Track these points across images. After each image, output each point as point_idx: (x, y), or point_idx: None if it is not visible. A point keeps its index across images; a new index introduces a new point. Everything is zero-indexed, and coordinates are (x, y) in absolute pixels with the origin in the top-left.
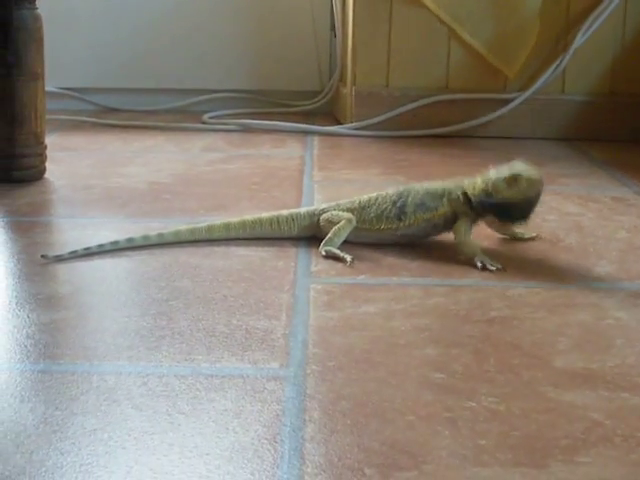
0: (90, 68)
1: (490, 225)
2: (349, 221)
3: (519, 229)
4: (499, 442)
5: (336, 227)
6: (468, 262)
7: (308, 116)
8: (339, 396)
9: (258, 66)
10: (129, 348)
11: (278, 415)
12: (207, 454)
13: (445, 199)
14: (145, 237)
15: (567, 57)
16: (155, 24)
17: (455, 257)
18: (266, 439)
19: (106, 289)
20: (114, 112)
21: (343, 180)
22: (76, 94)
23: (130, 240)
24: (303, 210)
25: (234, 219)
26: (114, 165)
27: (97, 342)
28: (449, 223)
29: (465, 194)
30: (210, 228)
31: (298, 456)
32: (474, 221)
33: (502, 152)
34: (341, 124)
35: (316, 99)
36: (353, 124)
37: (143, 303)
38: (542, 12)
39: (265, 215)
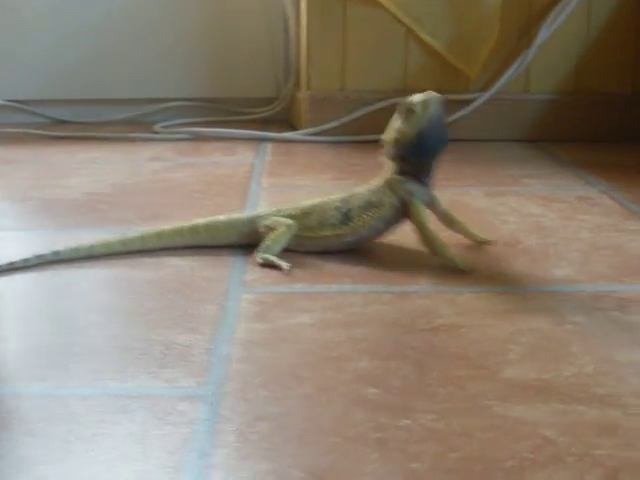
0: (37, 79)
1: (445, 224)
2: (289, 227)
3: (476, 231)
4: (434, 465)
5: (274, 234)
6: (439, 261)
7: (265, 123)
8: (258, 417)
9: (212, 73)
10: (34, 367)
11: (186, 440)
12: None
13: (387, 189)
14: (74, 249)
15: (530, 54)
16: (102, 33)
17: (402, 261)
18: (170, 467)
19: (23, 305)
20: (63, 124)
21: (292, 186)
22: (23, 106)
23: (57, 253)
24: (243, 216)
25: (167, 227)
26: (54, 177)
27: None
28: (399, 214)
29: (393, 169)
30: (143, 237)
31: None
32: (423, 198)
33: (463, 155)
34: (297, 130)
35: (272, 106)
36: (308, 130)
37: (60, 319)
38: (503, 8)
39: (201, 221)
